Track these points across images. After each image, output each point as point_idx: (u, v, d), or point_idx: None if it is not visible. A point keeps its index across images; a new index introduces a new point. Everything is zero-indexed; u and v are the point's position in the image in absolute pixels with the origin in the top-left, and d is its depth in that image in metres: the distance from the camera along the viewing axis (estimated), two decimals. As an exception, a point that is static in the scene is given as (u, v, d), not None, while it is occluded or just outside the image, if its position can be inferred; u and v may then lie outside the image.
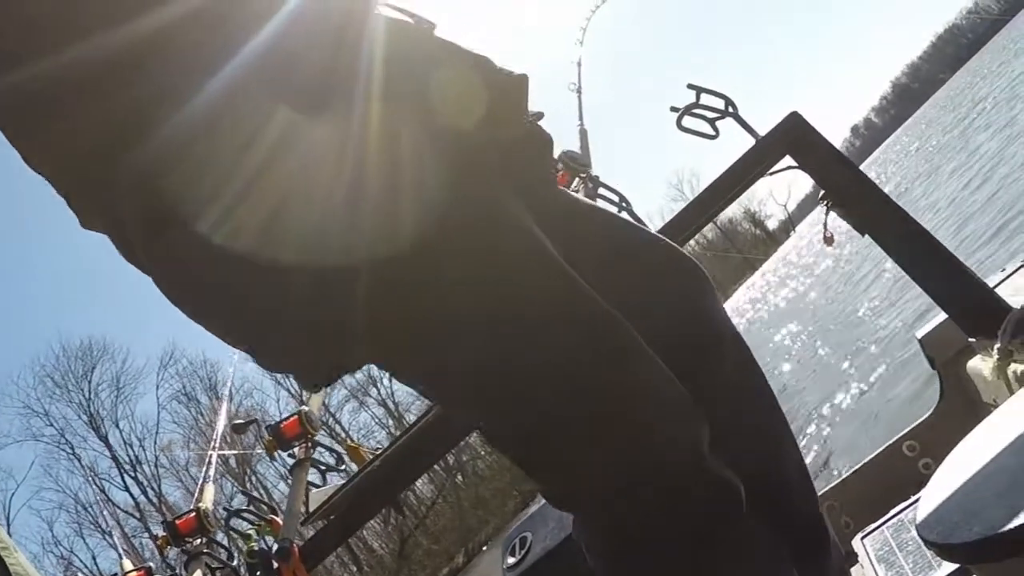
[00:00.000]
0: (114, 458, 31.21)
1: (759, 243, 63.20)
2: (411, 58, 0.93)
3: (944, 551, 0.95)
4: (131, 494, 30.90)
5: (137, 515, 30.02)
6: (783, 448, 1.22)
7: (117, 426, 31.69)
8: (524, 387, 0.91)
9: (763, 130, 1.86)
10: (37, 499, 35.14)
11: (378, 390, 35.27)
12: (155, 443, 31.89)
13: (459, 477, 35.41)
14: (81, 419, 31.09)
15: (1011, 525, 0.83)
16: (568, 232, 1.02)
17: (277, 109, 0.82)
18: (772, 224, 65.09)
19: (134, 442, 31.86)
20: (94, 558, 27.15)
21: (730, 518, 0.94)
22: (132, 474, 31.32)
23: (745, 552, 0.96)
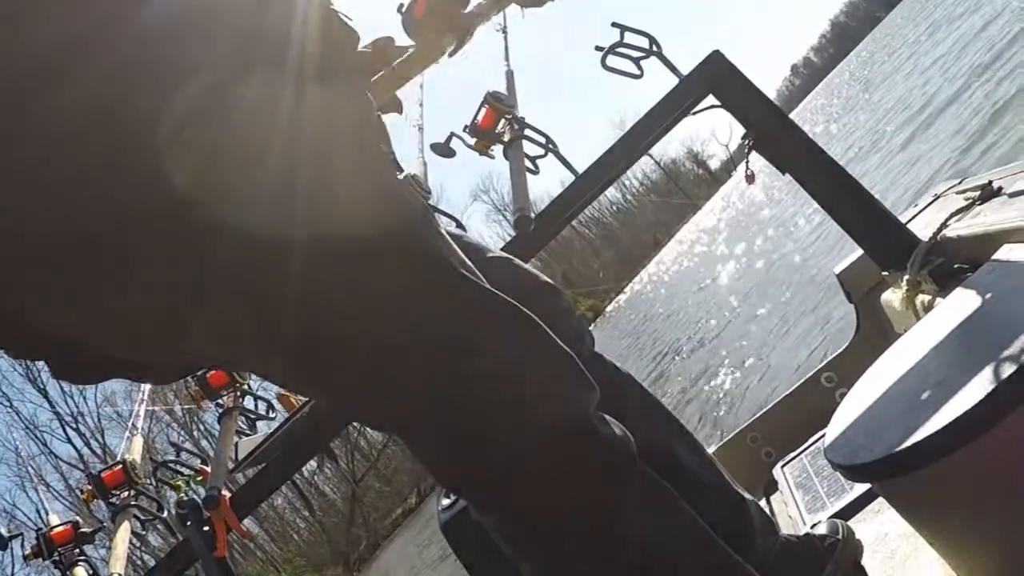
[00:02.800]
0: (55, 410, 30.59)
1: (702, 183, 63.68)
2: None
3: (849, 472, 0.99)
4: (74, 445, 30.40)
5: (81, 467, 29.59)
6: (668, 436, 1.25)
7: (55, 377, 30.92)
8: (424, 363, 0.89)
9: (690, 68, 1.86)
10: (-25, 453, 34.44)
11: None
12: (96, 393, 31.29)
13: (409, 420, 35.55)
14: (17, 371, 30.33)
15: (908, 443, 0.87)
16: None
17: (200, 64, 0.76)
18: (714, 164, 65.57)
19: (75, 393, 31.23)
20: (38, 510, 26.74)
21: (626, 473, 0.96)
22: (74, 426, 30.77)
23: (648, 502, 0.98)
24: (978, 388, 0.86)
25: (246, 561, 28.54)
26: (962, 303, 1.16)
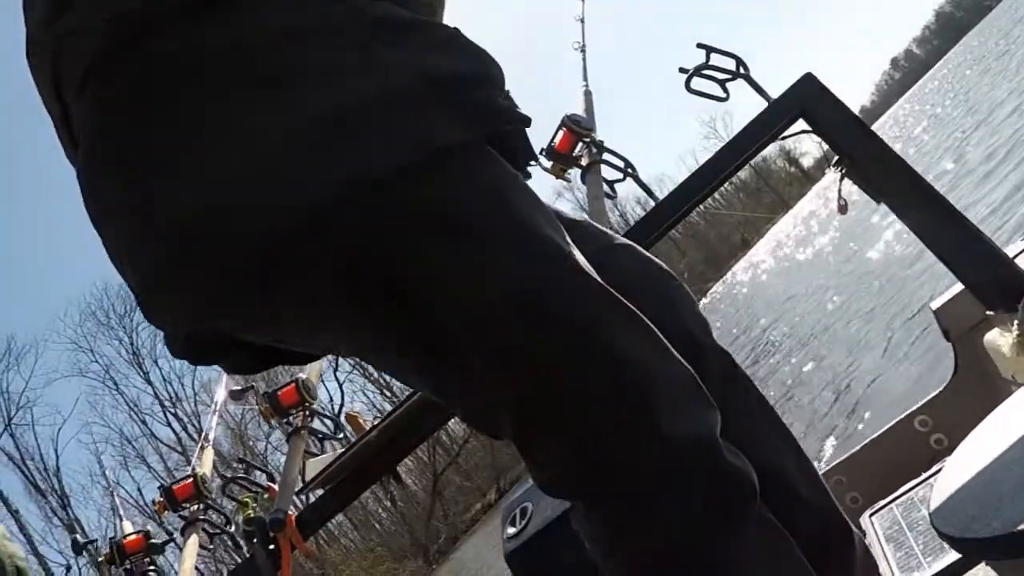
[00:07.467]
0: (156, 395, 32.23)
1: (794, 180, 62.05)
2: None
3: (959, 545, 0.92)
4: (173, 429, 31.94)
5: (179, 449, 31.04)
6: (776, 445, 1.17)
7: (157, 364, 32.62)
8: (539, 354, 0.86)
9: (780, 88, 1.76)
10: (85, 433, 36.98)
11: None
12: (194, 380, 32.79)
13: (491, 416, 35.98)
14: (123, 356, 32.06)
15: None
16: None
17: None
18: (807, 162, 63.62)
19: (174, 379, 32.81)
20: (139, 489, 28.17)
21: (744, 509, 0.90)
22: (173, 410, 32.33)
23: (761, 545, 0.91)
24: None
25: (330, 547, 29.33)
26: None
